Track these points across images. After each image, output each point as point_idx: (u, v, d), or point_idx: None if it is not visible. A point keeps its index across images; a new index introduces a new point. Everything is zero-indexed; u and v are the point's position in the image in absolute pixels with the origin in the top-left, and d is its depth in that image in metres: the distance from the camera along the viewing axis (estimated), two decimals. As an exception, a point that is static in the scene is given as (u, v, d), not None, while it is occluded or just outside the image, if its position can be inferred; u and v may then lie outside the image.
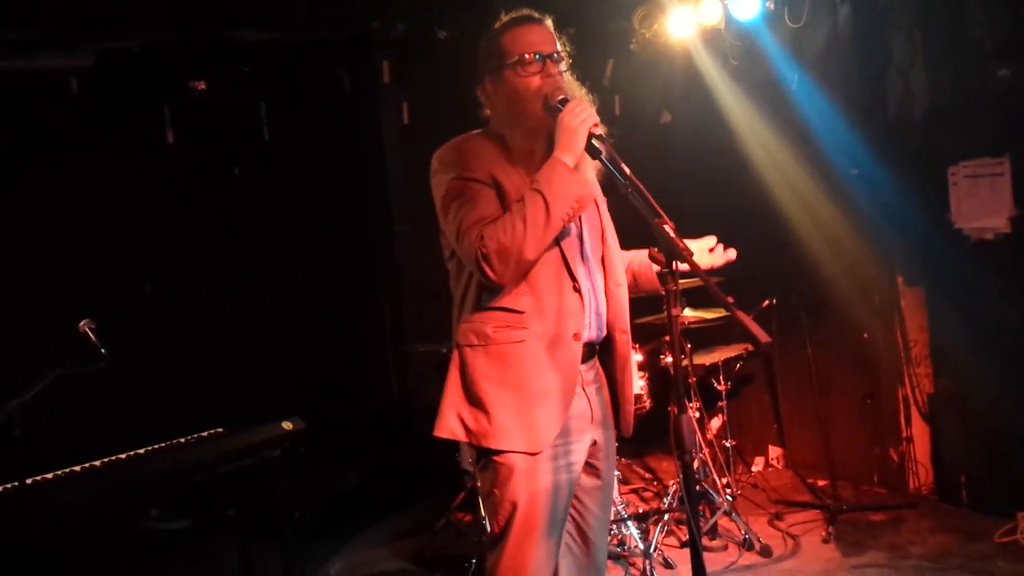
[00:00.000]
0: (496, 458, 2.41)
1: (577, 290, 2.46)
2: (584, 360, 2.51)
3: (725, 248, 2.72)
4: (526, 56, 2.44)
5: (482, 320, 2.44)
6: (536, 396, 2.40)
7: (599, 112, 2.40)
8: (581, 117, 2.33)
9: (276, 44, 5.71)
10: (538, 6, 2.62)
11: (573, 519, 2.58)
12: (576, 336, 2.45)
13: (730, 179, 5.76)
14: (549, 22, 2.54)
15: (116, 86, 5.58)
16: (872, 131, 5.15)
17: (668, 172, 6.07)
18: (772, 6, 5.27)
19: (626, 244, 2.77)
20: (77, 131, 5.62)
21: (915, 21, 5.08)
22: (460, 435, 2.45)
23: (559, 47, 2.51)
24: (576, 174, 2.34)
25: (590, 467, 2.58)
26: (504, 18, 2.55)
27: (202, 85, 5.83)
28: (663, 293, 2.77)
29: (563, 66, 2.51)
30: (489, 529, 2.46)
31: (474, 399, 2.43)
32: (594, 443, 2.56)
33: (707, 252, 2.78)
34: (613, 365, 2.63)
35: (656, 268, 2.26)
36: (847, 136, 5.20)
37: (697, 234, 2.92)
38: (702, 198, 5.85)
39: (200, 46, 5.60)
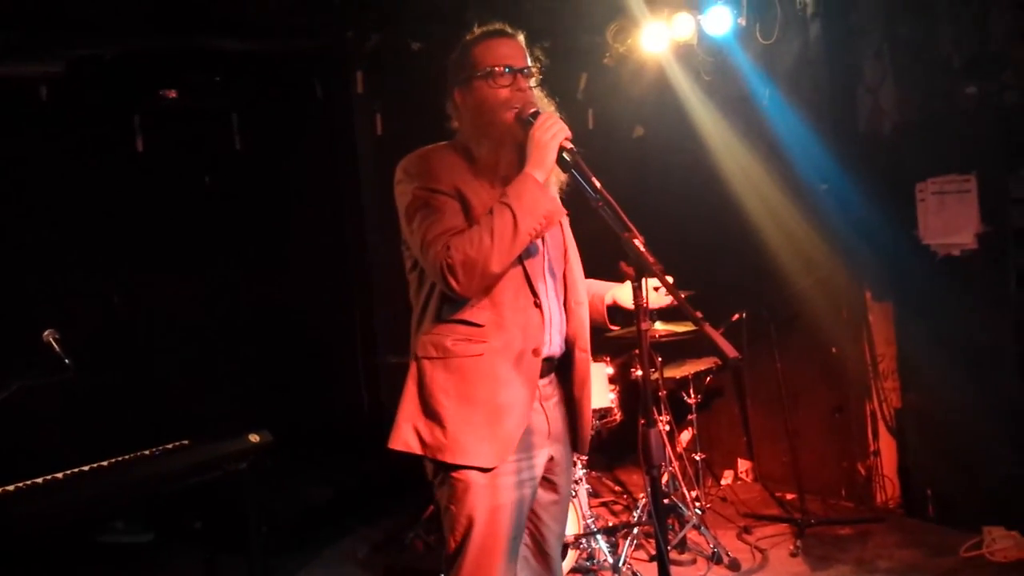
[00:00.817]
0: (453, 473, 2.39)
1: (538, 306, 2.46)
2: (543, 375, 2.50)
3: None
4: (497, 68, 2.44)
5: (442, 332, 2.42)
6: (494, 411, 2.39)
7: (571, 126, 2.40)
8: (552, 131, 2.33)
9: (249, 53, 5.69)
10: (512, 19, 2.62)
11: (531, 533, 2.57)
12: (536, 351, 2.44)
13: (702, 193, 5.80)
14: (521, 38, 2.53)
15: (86, 94, 5.53)
16: (842, 147, 5.21)
17: (641, 185, 6.11)
18: (744, 23, 5.33)
19: (593, 260, 2.77)
20: (46, 139, 5.56)
21: (884, 39, 5.15)
22: (415, 448, 2.43)
23: (530, 63, 2.51)
24: (546, 190, 2.34)
25: (547, 482, 2.57)
26: (476, 31, 2.55)
27: (173, 93, 5.78)
28: (609, 327, 2.78)
29: (533, 81, 2.51)
30: (447, 546, 2.43)
31: (431, 412, 2.41)
32: (551, 458, 2.55)
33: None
34: (572, 383, 2.62)
35: (607, 307, 2.34)
36: (817, 151, 5.26)
37: (669, 245, 2.93)
38: (674, 211, 5.90)
39: (172, 54, 5.56)
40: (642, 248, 2.19)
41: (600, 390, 4.77)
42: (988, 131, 4.64)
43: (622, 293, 2.71)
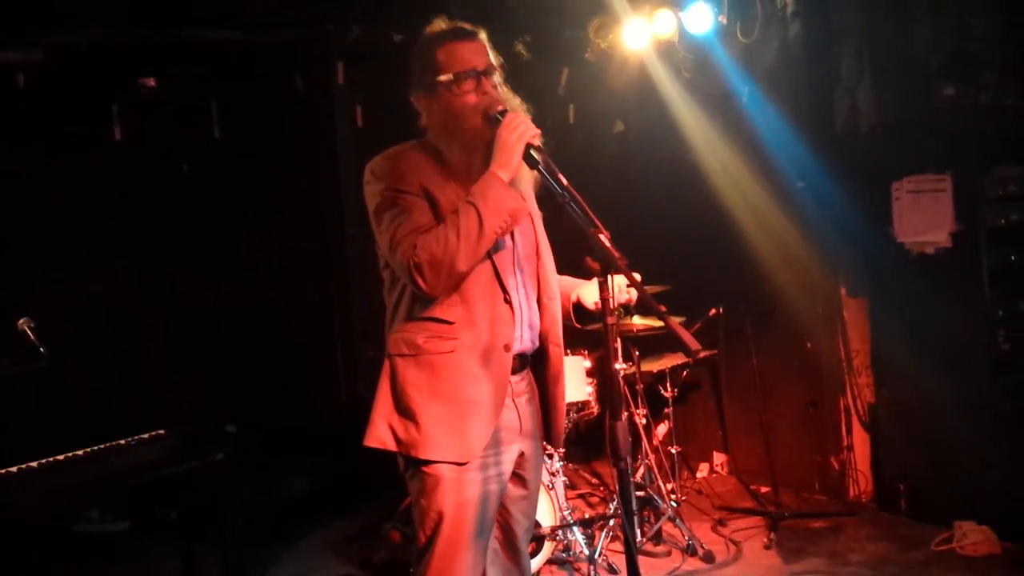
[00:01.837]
0: (424, 468, 2.41)
1: (508, 302, 2.47)
2: (515, 371, 2.52)
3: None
4: (460, 74, 2.43)
5: (413, 330, 2.44)
6: (466, 406, 2.41)
7: (552, 120, 2.40)
8: (519, 132, 2.33)
9: (229, 43, 5.66)
10: (495, 14, 2.62)
11: (500, 527, 2.59)
12: (507, 347, 2.46)
13: (682, 188, 5.84)
14: (483, 35, 2.51)
15: (64, 82, 5.48)
16: (819, 145, 5.26)
17: (621, 180, 6.14)
18: (725, 21, 5.36)
19: (570, 257, 2.78)
20: (23, 127, 5.51)
21: (863, 40, 5.20)
22: (390, 445, 2.45)
23: (492, 59, 2.50)
24: (511, 189, 2.35)
25: (517, 477, 2.59)
26: (436, 28, 2.52)
27: (152, 82, 5.74)
28: (575, 325, 2.79)
29: (497, 78, 2.50)
30: (416, 539, 2.45)
31: (404, 409, 2.43)
32: (521, 454, 2.58)
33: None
34: (546, 378, 2.64)
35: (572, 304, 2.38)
36: (795, 149, 5.30)
37: (648, 240, 2.95)
38: (654, 207, 5.93)
39: (151, 43, 5.52)
40: (608, 243, 2.20)
41: (578, 383, 4.79)
42: (964, 131, 4.69)
43: (586, 292, 2.72)
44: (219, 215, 6.17)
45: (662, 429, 5.83)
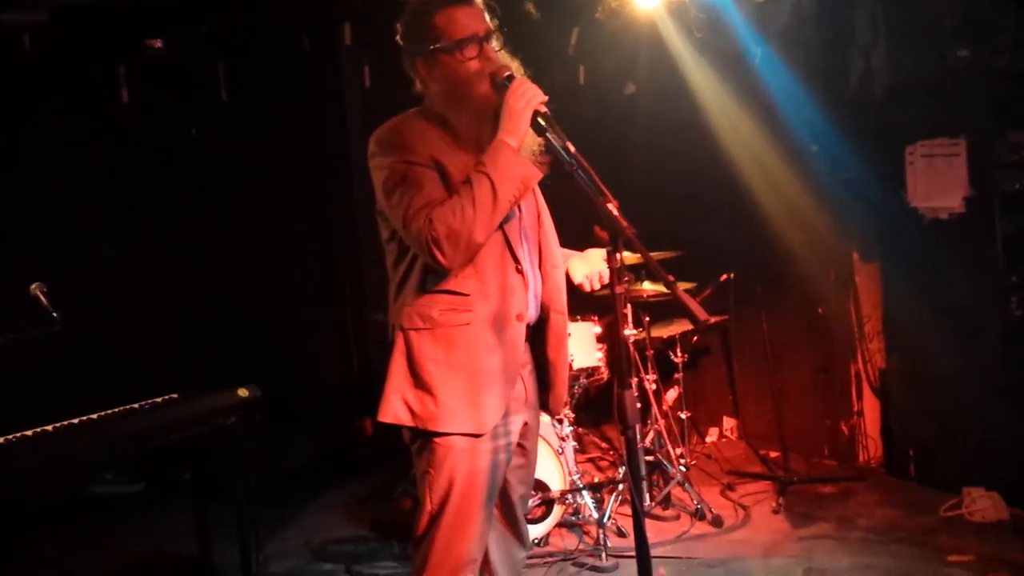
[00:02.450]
0: (436, 440, 2.41)
1: (520, 271, 2.46)
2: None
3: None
4: (463, 40, 2.37)
5: (427, 303, 2.41)
6: (483, 378, 2.40)
7: (562, 82, 2.36)
8: (526, 98, 2.30)
9: (235, 3, 5.60)
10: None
11: (499, 495, 2.57)
12: (519, 317, 2.45)
13: (693, 151, 5.78)
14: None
15: (70, 43, 5.45)
16: (833, 107, 5.20)
17: (631, 142, 6.08)
18: (738, -21, 5.28)
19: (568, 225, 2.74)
20: (29, 89, 5.49)
21: (877, 0, 5.11)
22: (406, 419, 2.42)
23: (490, 21, 2.44)
24: (521, 156, 2.32)
25: (518, 446, 2.59)
26: None
27: (159, 43, 5.70)
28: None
29: (496, 43, 2.44)
30: (423, 507, 2.43)
31: (420, 383, 2.41)
32: (525, 423, 2.59)
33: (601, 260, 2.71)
34: (547, 345, 2.62)
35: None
36: (808, 111, 5.25)
37: (658, 203, 2.91)
38: (665, 169, 5.88)
39: (157, 3, 5.48)
40: (615, 213, 2.17)
41: (588, 349, 4.79)
42: (979, 95, 4.62)
43: (574, 266, 2.71)
44: (226, 178, 6.16)
45: (672, 394, 5.84)
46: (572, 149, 2.28)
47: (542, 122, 2.31)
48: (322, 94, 6.31)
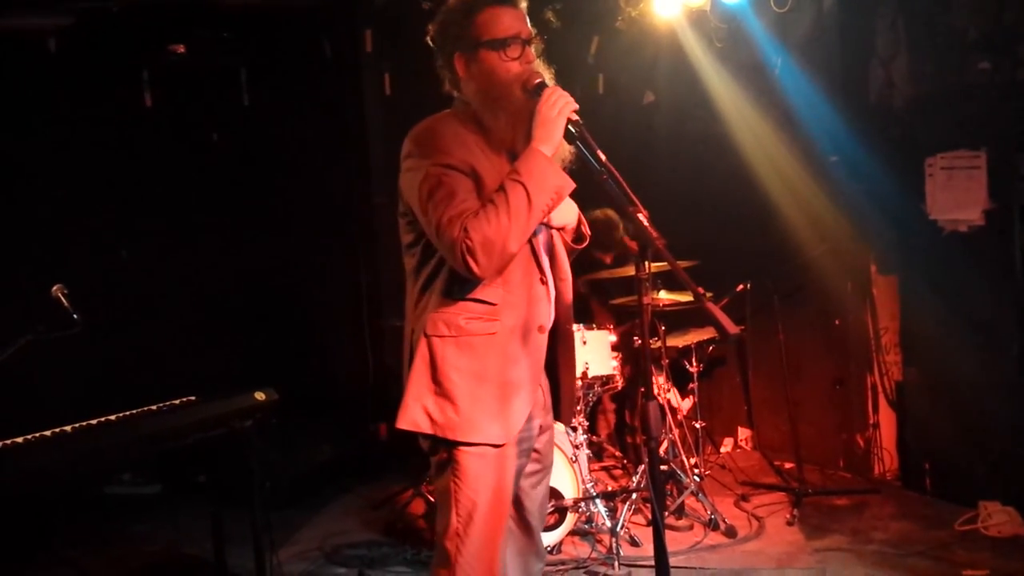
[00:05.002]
0: (460, 449, 2.38)
1: (544, 282, 2.47)
2: None
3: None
4: (507, 40, 2.37)
5: (453, 310, 2.39)
6: (507, 388, 2.39)
7: (582, 90, 2.36)
8: (559, 106, 2.29)
9: (258, 9, 5.65)
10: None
11: (514, 504, 2.55)
12: (541, 328, 2.46)
13: (712, 160, 5.78)
14: (524, 4, 2.45)
15: (95, 47, 5.50)
16: (853, 118, 5.18)
17: (650, 152, 6.09)
18: (758, -11, 5.27)
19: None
20: (54, 92, 5.54)
21: (899, 10, 5.10)
22: (425, 427, 2.40)
23: (532, 29, 2.44)
24: (555, 165, 2.31)
25: (534, 451, 2.58)
26: None
27: (182, 48, 5.76)
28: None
29: (535, 49, 2.44)
30: (448, 523, 2.39)
31: (442, 390, 2.38)
32: (540, 428, 2.58)
33: None
34: (557, 356, 2.61)
35: None
36: (829, 121, 5.23)
37: (677, 213, 2.91)
38: (684, 179, 5.89)
39: (181, 8, 5.52)
40: (646, 223, 2.17)
41: (603, 358, 4.79)
42: (1000, 107, 4.60)
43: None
44: (247, 182, 6.21)
45: (687, 404, 5.82)
46: (603, 158, 2.27)
47: (573, 130, 2.31)
48: (342, 101, 6.35)
